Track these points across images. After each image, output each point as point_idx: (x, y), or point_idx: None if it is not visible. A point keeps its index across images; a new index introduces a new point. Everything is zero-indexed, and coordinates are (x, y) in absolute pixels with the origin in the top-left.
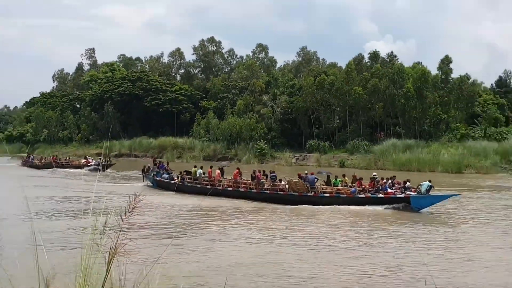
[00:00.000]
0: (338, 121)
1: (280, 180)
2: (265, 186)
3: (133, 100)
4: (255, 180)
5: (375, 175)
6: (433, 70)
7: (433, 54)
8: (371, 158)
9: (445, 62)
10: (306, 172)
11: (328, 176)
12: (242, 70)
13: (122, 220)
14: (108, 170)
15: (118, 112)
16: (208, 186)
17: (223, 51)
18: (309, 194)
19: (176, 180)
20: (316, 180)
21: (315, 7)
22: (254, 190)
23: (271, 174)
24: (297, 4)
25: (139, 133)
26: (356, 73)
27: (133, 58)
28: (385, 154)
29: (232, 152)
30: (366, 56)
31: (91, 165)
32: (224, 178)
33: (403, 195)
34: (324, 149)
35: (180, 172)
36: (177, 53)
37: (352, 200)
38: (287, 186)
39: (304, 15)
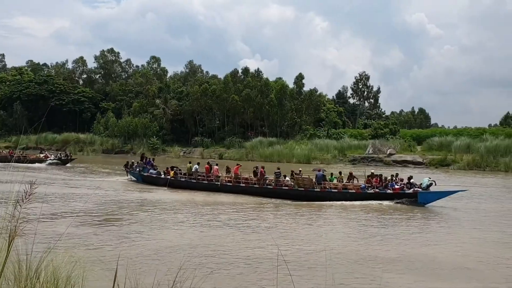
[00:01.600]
0: (218, 122)
1: (285, 176)
2: (267, 182)
3: (39, 100)
4: (258, 176)
5: (373, 171)
6: (291, 84)
7: (290, 71)
8: (244, 151)
9: (299, 78)
10: (314, 169)
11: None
12: (138, 77)
13: (21, 206)
14: (69, 164)
15: (26, 110)
16: (205, 182)
17: (121, 60)
18: (316, 189)
19: (164, 175)
20: (323, 176)
21: (199, 28)
22: (257, 186)
23: (276, 171)
24: (184, 24)
25: (45, 129)
26: (232, 84)
27: (41, 63)
28: (254, 148)
29: (128, 147)
30: (240, 71)
31: (50, 159)
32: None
33: (411, 190)
34: (206, 144)
35: (167, 168)
36: (80, 61)
37: (361, 196)
38: (291, 182)
39: (190, 34)
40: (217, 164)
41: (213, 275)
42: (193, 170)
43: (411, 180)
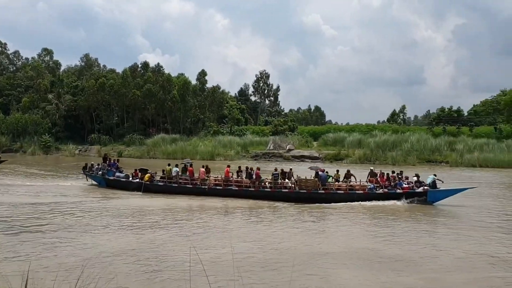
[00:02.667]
0: (116, 118)
1: (284, 178)
2: (264, 184)
3: None
4: (253, 178)
5: (372, 168)
6: (193, 81)
7: (192, 67)
8: (145, 149)
9: (202, 74)
10: (310, 167)
11: (317, 172)
12: (28, 71)
13: None
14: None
15: None
16: (189, 186)
17: (9, 52)
18: (320, 191)
19: (135, 178)
20: (327, 177)
21: (96, 20)
22: (252, 189)
23: (274, 172)
24: (79, 16)
25: None
26: (131, 79)
27: None
28: (156, 145)
29: (17, 145)
30: (140, 65)
31: None
32: (208, 177)
33: (421, 189)
34: (104, 142)
35: (135, 171)
36: None
37: (369, 196)
38: (290, 183)
39: (86, 26)
40: (203, 166)
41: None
42: (173, 173)
43: (420, 179)
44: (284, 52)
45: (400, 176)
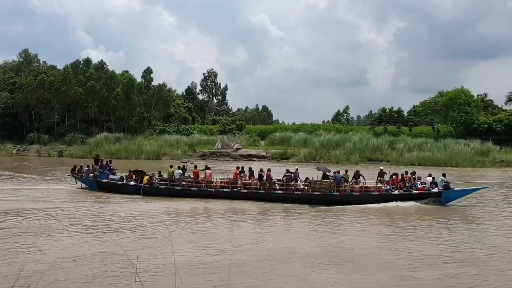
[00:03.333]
0: (57, 116)
1: (296, 180)
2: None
3: None
4: (264, 180)
5: (382, 168)
6: (138, 78)
7: (138, 65)
8: (87, 148)
9: (147, 72)
10: (317, 167)
11: (325, 173)
12: None
13: None
14: None
15: None
16: (193, 188)
17: None
18: (334, 193)
19: (129, 181)
20: (342, 179)
21: (35, 14)
22: (262, 191)
23: (287, 174)
24: (16, 9)
25: None
26: (73, 75)
27: None
28: (99, 145)
29: None
30: (82, 62)
31: None
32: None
33: (436, 189)
34: (44, 141)
35: (129, 173)
36: None
37: (385, 198)
38: (302, 185)
39: (25, 20)
40: (208, 168)
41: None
42: (176, 175)
43: (435, 179)
44: (232, 52)
45: (414, 177)
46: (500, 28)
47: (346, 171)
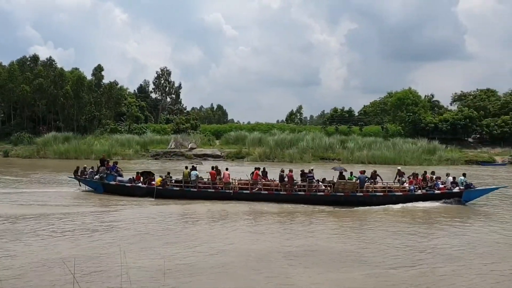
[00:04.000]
0: (2, 115)
1: (318, 181)
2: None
3: None
4: (285, 181)
5: (400, 168)
6: (89, 76)
7: (88, 62)
8: (34, 148)
9: (98, 69)
10: (333, 167)
11: (341, 173)
12: None
13: None
14: None
15: None
16: (210, 190)
17: None
18: (358, 194)
19: (136, 183)
20: (366, 179)
21: None
22: (284, 192)
23: (309, 175)
24: None
25: None
26: (20, 72)
27: None
28: (47, 144)
29: None
30: (29, 59)
31: None
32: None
33: (457, 189)
34: None
35: (137, 174)
36: None
37: (408, 198)
38: (323, 186)
39: None
40: (227, 169)
41: None
42: (192, 177)
43: (456, 179)
44: (186, 50)
45: (434, 177)
46: (445, 31)
47: (364, 171)
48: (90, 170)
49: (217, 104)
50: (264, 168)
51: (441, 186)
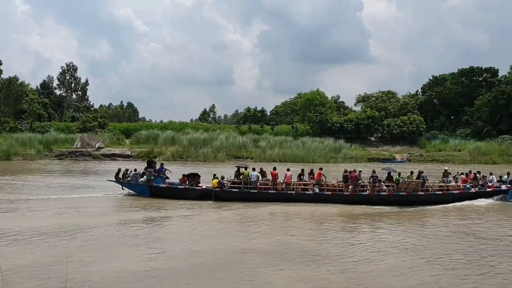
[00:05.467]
0: None
1: (380, 180)
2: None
3: None
4: (349, 181)
5: (446, 168)
6: None
7: None
8: None
9: None
10: (383, 168)
11: (389, 173)
12: None
13: None
14: None
15: None
16: (272, 191)
17: None
18: (419, 193)
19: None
20: (426, 179)
21: None
22: (348, 193)
23: (373, 175)
24: None
25: None
26: None
27: None
28: None
29: None
30: None
31: None
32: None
33: (504, 187)
34: None
35: (183, 176)
36: None
37: (464, 196)
38: (384, 186)
39: None
40: (288, 169)
41: None
42: (253, 178)
43: (504, 178)
44: (94, 45)
45: (481, 175)
46: (351, 35)
47: (411, 172)
48: (133, 172)
49: (127, 101)
50: (302, 170)
51: (490, 184)
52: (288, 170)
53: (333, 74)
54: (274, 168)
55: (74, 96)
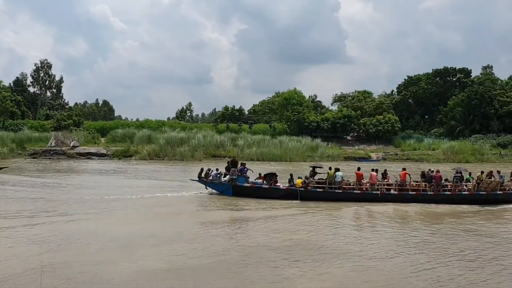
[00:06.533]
0: None
1: (461, 179)
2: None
3: None
4: (434, 181)
5: (499, 171)
6: None
7: None
8: None
9: None
10: (454, 168)
11: (461, 172)
12: None
13: None
14: None
15: None
16: (357, 191)
17: None
18: (498, 192)
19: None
20: (469, 177)
21: None
22: (431, 192)
23: (456, 174)
24: None
25: None
26: None
27: None
28: None
29: None
30: None
31: None
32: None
33: None
34: None
35: (260, 175)
36: None
37: None
38: (465, 185)
39: None
40: (373, 170)
41: None
42: (337, 178)
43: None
44: (69, 42)
45: None
46: (328, 36)
47: (482, 172)
48: (215, 172)
49: (103, 99)
50: (385, 170)
51: None
52: (372, 170)
53: (311, 74)
54: (359, 169)
55: (48, 93)
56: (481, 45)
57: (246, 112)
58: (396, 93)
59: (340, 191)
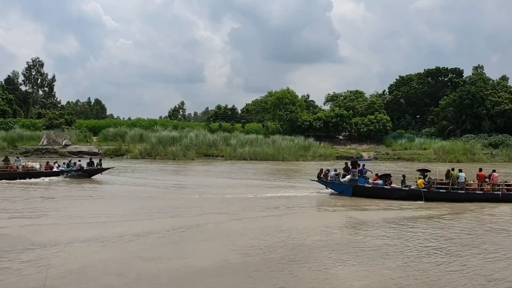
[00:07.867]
0: None
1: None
2: None
3: None
4: None
5: None
6: None
7: None
8: None
9: None
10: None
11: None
12: None
13: None
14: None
15: None
16: (479, 192)
17: None
18: None
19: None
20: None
21: None
22: None
23: None
24: None
25: None
26: None
27: None
28: None
29: None
30: None
31: (64, 168)
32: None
33: None
34: None
35: (376, 175)
36: None
37: None
38: None
39: None
40: (494, 171)
41: None
42: (460, 179)
43: None
44: (61, 40)
45: None
46: (320, 35)
47: (494, 170)
48: (333, 173)
49: (95, 98)
50: (494, 170)
51: None
52: (494, 171)
53: (303, 73)
54: (480, 170)
55: (40, 92)
56: (472, 45)
57: (239, 111)
58: (387, 93)
59: (463, 191)
